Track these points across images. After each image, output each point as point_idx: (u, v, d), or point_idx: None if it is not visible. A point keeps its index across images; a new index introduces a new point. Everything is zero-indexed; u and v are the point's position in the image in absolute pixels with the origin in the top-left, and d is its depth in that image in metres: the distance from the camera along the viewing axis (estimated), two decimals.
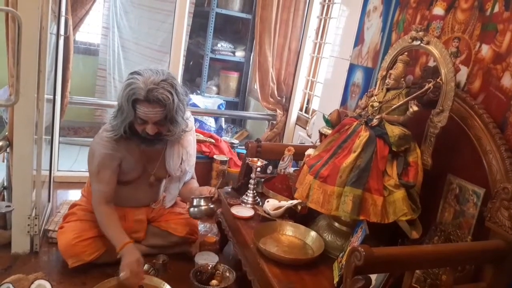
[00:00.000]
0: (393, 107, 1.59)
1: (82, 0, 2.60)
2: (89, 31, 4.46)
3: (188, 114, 1.95)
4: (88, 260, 1.86)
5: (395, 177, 1.53)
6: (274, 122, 3.42)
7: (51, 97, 2.43)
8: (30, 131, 1.83)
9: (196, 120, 3.75)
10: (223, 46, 4.16)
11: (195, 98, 3.98)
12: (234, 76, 4.36)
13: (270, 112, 3.45)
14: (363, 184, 1.51)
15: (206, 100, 4.05)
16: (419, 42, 1.62)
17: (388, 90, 1.64)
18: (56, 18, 2.22)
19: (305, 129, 3.15)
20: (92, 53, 4.49)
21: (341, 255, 1.56)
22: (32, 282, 1.63)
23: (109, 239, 1.83)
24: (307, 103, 3.35)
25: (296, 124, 3.37)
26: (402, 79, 1.64)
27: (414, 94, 1.56)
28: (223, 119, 4.02)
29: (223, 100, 4.13)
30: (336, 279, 1.48)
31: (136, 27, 4.21)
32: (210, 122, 3.86)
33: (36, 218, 1.93)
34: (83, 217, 1.95)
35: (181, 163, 1.96)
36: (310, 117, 3.16)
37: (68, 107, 2.89)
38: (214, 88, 4.36)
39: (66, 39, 2.58)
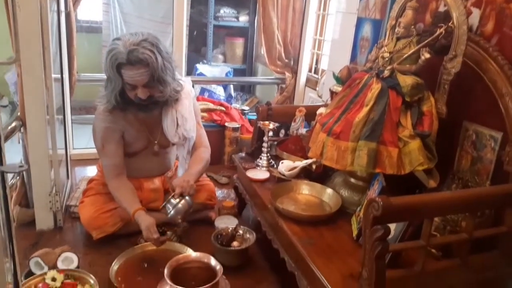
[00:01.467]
0: (404, 57, 1.55)
1: None
2: (91, 8, 4.40)
3: (179, 76, 1.91)
4: (111, 231, 1.91)
5: (410, 127, 1.51)
6: (284, 85, 3.38)
7: (59, 76, 2.44)
8: (41, 110, 1.85)
9: (205, 90, 3.73)
10: (226, 12, 4.08)
11: (202, 68, 3.95)
12: (239, 42, 4.30)
13: (279, 75, 3.41)
14: (377, 137, 1.50)
15: (213, 69, 4.02)
16: None
17: (398, 39, 1.60)
18: None
19: (315, 90, 3.11)
20: (95, 31, 4.46)
21: (358, 209, 1.56)
22: (59, 255, 1.69)
23: (125, 211, 1.86)
24: (316, 64, 3.29)
25: (306, 86, 3.33)
26: (412, 27, 1.59)
27: (426, 41, 1.52)
28: (231, 87, 3.99)
29: (231, 68, 4.08)
30: (355, 232, 1.50)
31: (136, 0, 4.14)
32: (219, 91, 3.83)
33: (56, 195, 1.97)
34: (101, 191, 2.00)
35: (177, 128, 1.92)
36: (319, 77, 3.11)
37: (77, 86, 2.90)
38: (220, 57, 4.31)
39: (68, 16, 2.55)
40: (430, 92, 1.58)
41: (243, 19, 4.17)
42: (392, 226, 1.32)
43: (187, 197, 1.78)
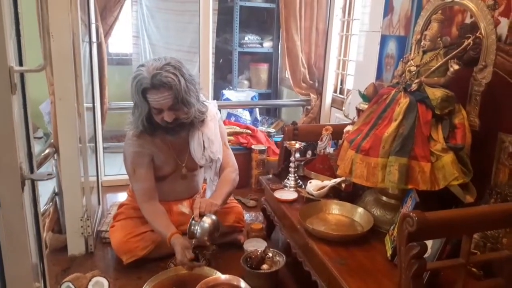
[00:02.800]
0: (432, 69, 1.53)
1: (110, 8, 2.68)
2: (121, 42, 4.59)
3: (203, 98, 1.94)
4: (141, 255, 1.91)
5: (442, 141, 1.46)
6: (309, 107, 3.37)
7: (91, 105, 2.52)
8: (74, 136, 1.90)
9: (231, 114, 3.77)
10: (250, 39, 4.16)
11: (228, 94, 4.01)
12: (264, 68, 4.35)
13: (304, 97, 3.41)
14: (408, 152, 1.46)
15: (239, 94, 4.07)
16: None
17: (424, 52, 1.57)
18: (87, 27, 2.29)
19: (341, 110, 3.09)
20: (126, 63, 4.62)
21: (392, 228, 1.51)
22: (90, 280, 1.70)
23: (159, 235, 1.87)
24: (341, 84, 3.28)
25: (331, 106, 3.31)
26: (439, 39, 1.56)
27: (454, 52, 1.49)
28: (257, 110, 4.01)
29: (256, 93, 4.13)
30: (389, 252, 1.44)
31: (164, 31, 4.29)
32: (245, 115, 3.86)
33: (88, 220, 2.00)
34: (131, 215, 2.01)
35: (203, 151, 1.94)
36: (345, 97, 3.09)
37: (108, 115, 2.99)
38: (246, 82, 4.36)
39: (99, 47, 2.66)
40: (461, 105, 1.53)
41: (267, 44, 4.24)
42: (428, 245, 1.27)
43: (212, 216, 1.75)
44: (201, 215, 1.74)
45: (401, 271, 1.14)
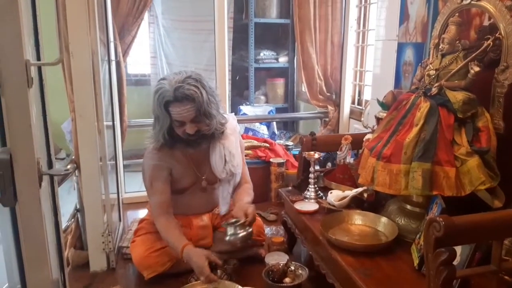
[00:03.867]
0: (452, 72, 1.50)
1: (128, 27, 2.74)
2: (139, 63, 4.68)
3: (222, 110, 1.95)
4: (162, 270, 1.89)
5: (466, 144, 1.42)
6: (327, 119, 3.35)
7: (111, 123, 2.55)
8: (94, 154, 1.92)
9: (249, 129, 3.77)
10: (266, 54, 4.19)
11: (245, 109, 4.02)
12: (280, 83, 4.37)
13: (321, 109, 3.39)
14: (431, 157, 1.42)
15: (256, 110, 4.07)
16: (469, 0, 1.52)
17: (443, 56, 1.55)
18: (106, 46, 2.34)
19: (360, 121, 3.06)
20: (144, 83, 4.70)
21: (418, 236, 1.46)
22: None
23: (172, 249, 1.85)
24: (359, 95, 3.26)
25: (350, 117, 3.28)
26: (457, 42, 1.54)
27: (474, 54, 1.46)
28: (275, 124, 4.00)
29: (273, 107, 4.13)
30: (416, 261, 1.39)
31: (180, 50, 4.36)
32: (263, 129, 3.85)
33: (109, 235, 2.00)
34: (151, 230, 2.01)
35: (225, 164, 1.94)
36: (364, 108, 3.06)
37: (128, 133, 3.03)
38: (262, 97, 4.38)
39: (118, 65, 2.71)
40: (484, 108, 1.49)
41: (283, 59, 4.27)
42: (457, 252, 1.22)
43: (249, 229, 1.81)
44: (247, 224, 1.79)
45: (429, 280, 1.09)
